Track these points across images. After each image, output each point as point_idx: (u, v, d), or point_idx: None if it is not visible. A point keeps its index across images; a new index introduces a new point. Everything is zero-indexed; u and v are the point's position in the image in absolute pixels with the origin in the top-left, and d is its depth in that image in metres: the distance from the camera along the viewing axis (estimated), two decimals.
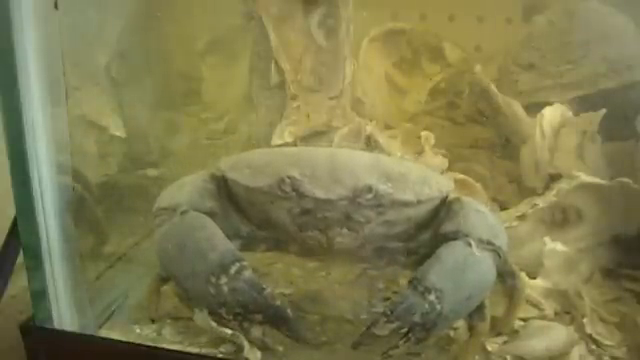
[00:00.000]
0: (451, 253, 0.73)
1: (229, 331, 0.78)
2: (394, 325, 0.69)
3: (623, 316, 0.90)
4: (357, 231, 0.77)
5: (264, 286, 0.72)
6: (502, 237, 0.77)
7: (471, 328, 0.78)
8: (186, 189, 0.81)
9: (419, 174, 0.80)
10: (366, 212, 0.76)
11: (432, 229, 0.80)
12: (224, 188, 0.82)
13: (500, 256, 0.76)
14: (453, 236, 0.75)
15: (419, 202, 0.77)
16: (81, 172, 0.91)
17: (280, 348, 0.78)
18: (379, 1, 1.25)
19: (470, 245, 0.73)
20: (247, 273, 0.72)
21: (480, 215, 0.78)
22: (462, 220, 0.76)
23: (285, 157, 0.80)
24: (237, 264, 0.72)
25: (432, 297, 0.69)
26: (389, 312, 0.69)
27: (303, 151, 0.84)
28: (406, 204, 0.76)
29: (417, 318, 0.68)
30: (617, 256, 0.99)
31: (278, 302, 0.72)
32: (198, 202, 0.79)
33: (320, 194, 0.75)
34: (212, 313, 0.76)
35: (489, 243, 0.75)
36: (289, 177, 0.75)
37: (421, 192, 0.77)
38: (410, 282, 0.71)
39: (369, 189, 0.74)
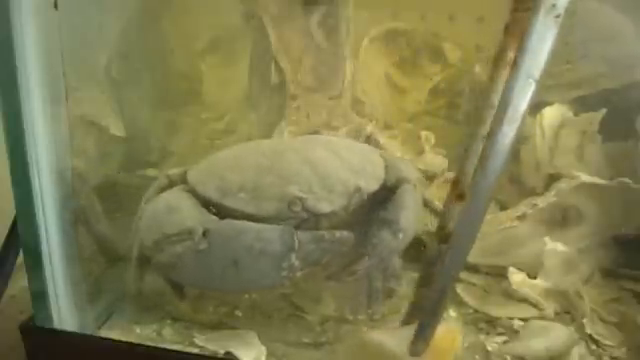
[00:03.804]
0: (410, 197, 0.84)
1: (222, 351, 0.80)
2: (374, 261, 0.79)
3: (623, 316, 0.90)
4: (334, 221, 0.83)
5: (321, 233, 0.76)
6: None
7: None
8: (181, 212, 0.78)
9: (370, 159, 0.89)
10: (349, 208, 0.82)
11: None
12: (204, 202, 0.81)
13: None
14: (401, 182, 0.86)
15: (382, 187, 0.85)
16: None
17: None
18: (379, 1, 1.25)
19: (415, 187, 0.86)
20: (304, 235, 0.74)
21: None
22: (402, 169, 0.88)
23: (269, 173, 0.80)
24: (295, 238, 0.74)
25: (400, 236, 0.80)
26: (371, 252, 0.79)
27: (276, 160, 0.82)
28: (374, 193, 0.84)
29: (386, 252, 0.80)
30: (617, 256, 0.99)
31: (338, 234, 0.75)
32: (204, 218, 0.77)
33: (325, 208, 0.79)
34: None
35: (421, 182, 0.90)
36: (298, 198, 0.78)
37: (380, 177, 0.86)
38: (384, 223, 0.80)
39: (358, 189, 0.82)
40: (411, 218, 0.82)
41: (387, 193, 0.85)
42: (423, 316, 0.73)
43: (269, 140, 0.95)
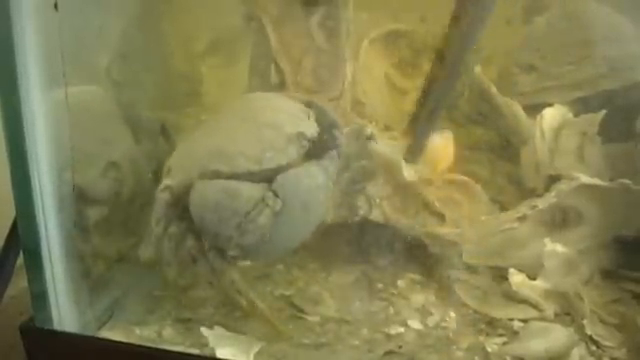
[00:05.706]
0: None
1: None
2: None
3: (623, 317, 0.90)
4: None
5: (329, 153, 0.85)
6: None
7: None
8: (242, 190, 0.81)
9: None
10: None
11: None
12: None
13: None
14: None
15: None
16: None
17: None
18: (379, 2, 1.25)
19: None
20: (324, 160, 0.84)
21: None
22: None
23: (264, 129, 0.85)
24: (324, 163, 0.83)
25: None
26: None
27: (258, 119, 0.87)
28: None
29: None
30: (617, 257, 0.99)
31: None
32: (261, 185, 0.81)
33: (315, 132, 0.86)
34: None
35: None
36: (301, 133, 0.84)
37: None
38: (368, 137, 0.94)
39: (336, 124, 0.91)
40: None
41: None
42: (418, 126, 0.76)
43: (227, 111, 0.97)
